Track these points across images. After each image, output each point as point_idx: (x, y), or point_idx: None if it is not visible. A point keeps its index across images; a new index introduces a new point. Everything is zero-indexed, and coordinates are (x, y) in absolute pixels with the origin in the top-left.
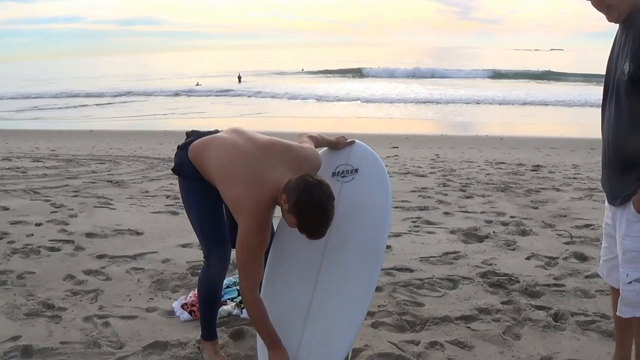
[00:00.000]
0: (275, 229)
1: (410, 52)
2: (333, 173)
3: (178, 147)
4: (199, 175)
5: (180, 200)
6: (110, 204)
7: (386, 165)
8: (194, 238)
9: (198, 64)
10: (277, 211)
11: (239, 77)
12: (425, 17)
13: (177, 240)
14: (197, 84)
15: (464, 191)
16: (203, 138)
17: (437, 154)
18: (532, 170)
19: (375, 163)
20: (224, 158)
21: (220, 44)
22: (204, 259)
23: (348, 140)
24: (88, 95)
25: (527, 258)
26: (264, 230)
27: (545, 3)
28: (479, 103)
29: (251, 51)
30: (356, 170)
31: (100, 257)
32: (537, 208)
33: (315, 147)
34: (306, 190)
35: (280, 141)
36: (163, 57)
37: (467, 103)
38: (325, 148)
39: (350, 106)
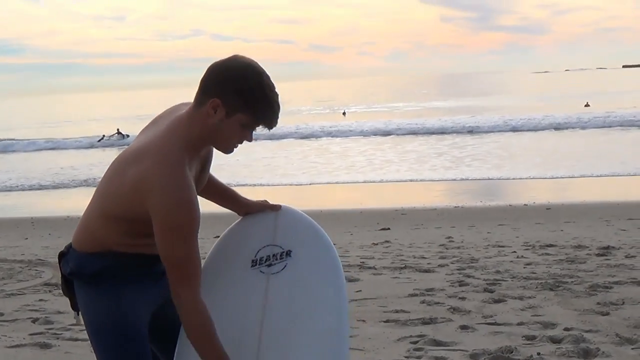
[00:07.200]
0: None
1: (409, 86)
2: (253, 261)
3: (60, 254)
4: (113, 266)
5: (53, 326)
6: None
7: (372, 257)
8: None
9: (85, 112)
10: None
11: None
12: (425, 30)
13: None
14: (115, 132)
15: (491, 292)
16: None
17: (449, 237)
18: (599, 255)
19: (317, 238)
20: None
21: (118, 82)
22: None
23: (269, 204)
24: None
25: None
26: (190, 188)
27: None
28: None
29: (165, 92)
30: (288, 254)
31: None
32: (607, 314)
33: (215, 193)
34: (241, 67)
35: None
36: (29, 103)
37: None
38: (237, 222)
39: (310, 167)
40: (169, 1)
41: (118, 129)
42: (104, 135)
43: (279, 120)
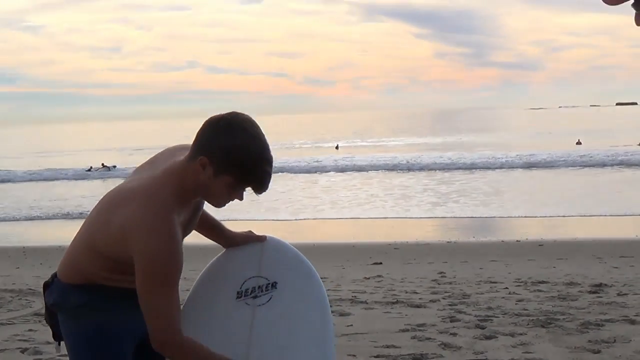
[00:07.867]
0: None
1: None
2: (238, 293)
3: (45, 284)
4: (96, 298)
5: (42, 357)
6: None
7: (364, 291)
8: None
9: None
10: None
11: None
12: (419, 66)
13: None
14: (100, 166)
15: (482, 328)
16: None
17: (441, 272)
18: (591, 293)
19: (302, 270)
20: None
21: (112, 112)
22: None
23: (255, 235)
24: None
25: None
26: (174, 236)
27: (605, 31)
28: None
29: (163, 124)
30: (273, 285)
31: None
32: (598, 352)
33: (203, 225)
34: (232, 127)
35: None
36: (22, 132)
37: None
38: (223, 254)
39: (300, 200)
40: (165, 33)
41: (103, 163)
42: (91, 167)
43: (270, 183)
